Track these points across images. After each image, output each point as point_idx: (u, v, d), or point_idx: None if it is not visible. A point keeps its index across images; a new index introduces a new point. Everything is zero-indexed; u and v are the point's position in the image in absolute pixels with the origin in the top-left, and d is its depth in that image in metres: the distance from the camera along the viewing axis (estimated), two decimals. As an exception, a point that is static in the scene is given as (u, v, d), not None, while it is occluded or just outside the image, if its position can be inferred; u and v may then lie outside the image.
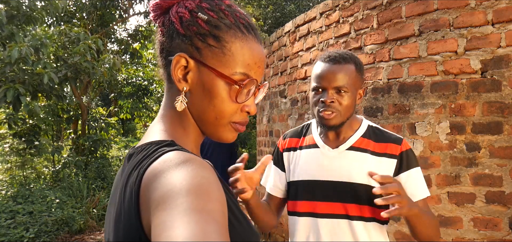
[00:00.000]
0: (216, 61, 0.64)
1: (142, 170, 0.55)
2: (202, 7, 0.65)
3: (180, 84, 0.65)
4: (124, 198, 0.57)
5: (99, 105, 9.25)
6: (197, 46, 0.64)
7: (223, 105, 0.65)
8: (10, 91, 4.26)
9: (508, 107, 2.13)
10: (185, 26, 0.64)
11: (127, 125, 17.99)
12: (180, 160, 0.52)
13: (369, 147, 1.30)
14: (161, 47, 0.68)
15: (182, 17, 0.64)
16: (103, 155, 7.58)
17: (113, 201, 0.64)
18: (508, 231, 2.11)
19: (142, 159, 0.58)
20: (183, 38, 0.64)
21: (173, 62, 0.64)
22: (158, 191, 0.48)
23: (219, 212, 0.46)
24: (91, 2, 7.96)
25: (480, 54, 2.20)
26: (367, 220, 1.26)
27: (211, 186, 0.49)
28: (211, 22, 0.64)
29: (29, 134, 6.16)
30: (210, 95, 0.65)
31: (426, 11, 2.36)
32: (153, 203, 0.48)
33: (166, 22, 0.66)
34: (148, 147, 0.61)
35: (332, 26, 3.04)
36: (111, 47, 9.93)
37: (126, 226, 0.55)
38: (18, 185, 5.81)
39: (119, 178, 0.66)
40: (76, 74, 5.31)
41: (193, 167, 0.51)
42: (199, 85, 0.65)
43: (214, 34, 0.64)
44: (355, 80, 1.28)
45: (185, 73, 0.65)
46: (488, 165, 2.17)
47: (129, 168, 0.60)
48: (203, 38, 0.64)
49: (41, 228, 4.64)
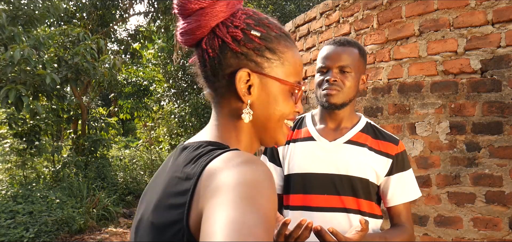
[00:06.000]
0: (277, 71, 0.72)
1: (203, 164, 0.60)
2: (250, 24, 0.70)
3: (245, 97, 0.70)
4: (173, 184, 0.63)
5: (99, 105, 9.24)
6: (256, 60, 0.70)
7: (286, 108, 0.73)
8: (12, 92, 4.26)
9: (508, 107, 2.13)
10: (241, 45, 0.69)
11: (127, 125, 17.99)
12: (242, 158, 0.57)
13: (367, 142, 1.31)
14: (212, 67, 0.71)
15: (235, 36, 0.69)
16: (103, 155, 7.58)
17: (155, 185, 0.70)
18: (508, 231, 2.11)
19: (200, 154, 0.63)
20: (239, 55, 0.69)
21: (237, 78, 0.69)
22: (217, 182, 0.53)
23: (269, 210, 0.49)
24: (91, 2, 7.96)
25: (480, 54, 2.20)
26: (364, 214, 1.27)
27: (267, 185, 0.53)
28: (264, 37, 0.70)
29: (29, 134, 6.16)
30: (276, 101, 0.72)
31: (426, 11, 2.36)
32: (210, 192, 0.53)
33: (213, 42, 0.70)
34: (206, 145, 0.67)
35: (332, 26, 3.04)
36: (111, 47, 9.94)
37: (168, 209, 0.60)
38: (18, 185, 5.81)
39: (168, 165, 0.71)
40: (76, 74, 5.31)
41: (253, 167, 0.55)
42: (262, 95, 0.72)
43: (269, 47, 0.71)
44: (359, 63, 1.31)
45: (247, 87, 0.70)
46: (488, 165, 2.18)
47: (185, 160, 0.65)
48: (260, 52, 0.70)
49: (41, 228, 4.64)
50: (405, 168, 1.32)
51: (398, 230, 1.29)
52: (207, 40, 0.71)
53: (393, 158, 1.30)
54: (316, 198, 1.28)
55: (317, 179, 1.28)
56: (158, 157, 9.17)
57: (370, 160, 1.28)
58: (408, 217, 1.32)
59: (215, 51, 0.70)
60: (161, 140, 11.62)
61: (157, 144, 11.27)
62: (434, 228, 2.31)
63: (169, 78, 11.82)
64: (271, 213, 0.50)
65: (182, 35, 0.72)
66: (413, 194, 1.33)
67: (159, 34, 10.21)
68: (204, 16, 0.69)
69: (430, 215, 2.33)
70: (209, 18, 0.69)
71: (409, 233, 1.29)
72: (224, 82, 0.71)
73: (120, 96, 11.55)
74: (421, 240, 2.35)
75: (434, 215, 2.31)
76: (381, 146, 1.31)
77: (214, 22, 0.69)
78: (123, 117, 12.21)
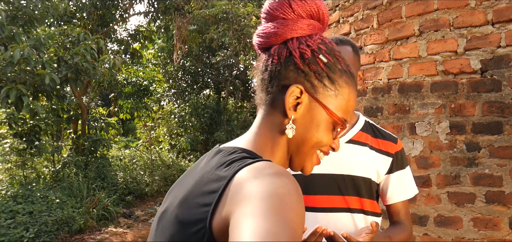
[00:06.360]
0: (328, 100, 0.73)
1: (235, 169, 0.61)
2: (321, 49, 0.72)
3: (290, 111, 0.71)
4: (202, 183, 0.64)
5: (99, 105, 9.23)
6: (313, 83, 0.72)
7: (324, 138, 0.74)
8: (13, 92, 4.26)
9: (508, 107, 2.13)
10: (305, 63, 0.71)
11: (127, 125, 17.99)
12: (274, 170, 0.58)
13: (368, 141, 1.32)
14: (271, 73, 0.73)
15: (304, 54, 0.71)
16: (103, 155, 7.58)
17: (185, 181, 0.72)
18: (508, 231, 2.11)
19: (233, 160, 0.64)
20: (300, 72, 0.71)
21: (289, 91, 0.70)
22: (247, 190, 0.54)
23: (297, 224, 0.50)
24: (91, 2, 7.96)
25: (480, 54, 2.20)
26: (367, 213, 1.28)
27: (296, 199, 0.54)
28: (329, 65, 0.72)
29: (29, 134, 6.16)
30: (317, 128, 0.73)
31: (426, 11, 2.36)
32: (239, 199, 0.54)
33: (282, 52, 0.72)
34: (240, 152, 0.68)
35: (332, 26, 3.04)
36: (111, 47, 9.94)
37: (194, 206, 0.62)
38: (18, 185, 5.80)
39: (200, 164, 0.73)
40: (76, 74, 5.31)
41: (284, 179, 0.56)
42: (306, 116, 0.72)
43: (330, 76, 0.72)
44: (354, 61, 1.31)
45: (296, 103, 0.71)
46: (488, 165, 2.18)
47: (217, 162, 0.66)
48: (320, 77, 0.72)
49: (41, 228, 4.65)
50: (404, 166, 1.34)
51: (399, 228, 1.30)
52: (277, 48, 0.73)
53: (393, 157, 1.31)
54: (320, 199, 1.28)
55: (320, 179, 1.28)
56: (158, 157, 9.16)
57: (372, 159, 1.29)
58: (407, 214, 1.34)
59: (280, 60, 0.72)
60: (161, 140, 11.63)
61: (157, 144, 11.27)
62: (434, 228, 2.31)
63: (169, 78, 11.82)
64: (299, 228, 0.50)
65: (258, 37, 0.75)
66: (412, 192, 1.35)
67: (159, 34, 10.22)
68: (284, 26, 0.72)
69: (430, 215, 2.32)
70: (287, 30, 0.72)
71: (409, 230, 1.31)
72: (276, 91, 0.73)
73: (120, 96, 11.54)
74: (421, 240, 2.35)
75: (434, 215, 2.31)
76: (381, 145, 1.32)
77: (290, 35, 0.72)
78: (123, 117, 12.21)
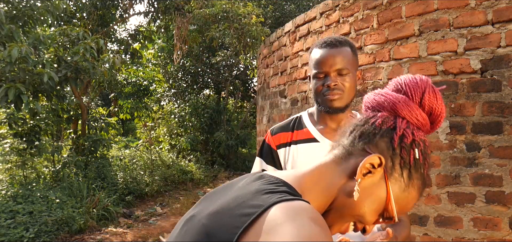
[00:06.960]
0: (395, 189, 0.72)
1: (273, 200, 0.60)
2: (420, 146, 0.72)
3: (359, 175, 0.70)
4: (237, 203, 0.63)
5: (99, 105, 9.22)
6: (394, 165, 0.71)
7: (368, 216, 0.72)
8: (12, 90, 4.26)
9: (508, 107, 2.13)
10: (400, 145, 0.71)
11: (127, 125, 17.99)
12: (310, 215, 0.58)
13: None
14: (366, 130, 0.74)
15: (404, 137, 0.71)
16: (103, 155, 7.57)
17: (221, 195, 0.71)
18: (508, 231, 2.11)
19: (273, 190, 0.64)
20: (390, 149, 0.71)
21: (371, 157, 0.69)
22: (281, 230, 0.54)
23: None
24: (91, 2, 7.95)
25: (480, 54, 2.20)
26: None
27: None
28: (417, 164, 0.72)
29: (29, 134, 6.15)
30: (370, 204, 0.71)
31: (426, 11, 2.36)
32: (272, 234, 0.54)
33: (388, 121, 0.73)
34: (282, 185, 0.67)
35: (332, 26, 3.04)
36: (111, 47, 9.93)
37: (224, 223, 0.61)
38: (18, 185, 5.80)
39: (240, 183, 0.71)
40: (76, 74, 5.31)
41: (318, 229, 0.56)
42: (369, 189, 0.71)
43: (411, 172, 0.72)
44: (353, 61, 1.31)
45: (367, 171, 0.70)
46: (488, 165, 2.17)
47: (257, 188, 0.65)
48: (403, 165, 0.71)
49: (41, 228, 4.64)
50: None
51: (400, 226, 1.29)
52: (386, 115, 0.74)
53: None
54: None
55: None
56: (158, 157, 9.16)
57: None
58: None
59: (381, 126, 0.73)
60: (161, 140, 11.63)
61: (157, 144, 11.27)
62: (434, 228, 2.31)
63: (169, 78, 11.82)
64: None
65: (376, 96, 0.76)
66: None
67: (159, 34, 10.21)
68: (405, 104, 0.73)
69: (430, 215, 2.32)
70: (406, 109, 0.73)
71: (408, 226, 1.32)
72: (359, 149, 0.73)
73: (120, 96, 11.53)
74: (421, 240, 2.35)
75: (434, 215, 2.31)
76: None
77: (404, 115, 0.73)
78: (123, 117, 12.20)
